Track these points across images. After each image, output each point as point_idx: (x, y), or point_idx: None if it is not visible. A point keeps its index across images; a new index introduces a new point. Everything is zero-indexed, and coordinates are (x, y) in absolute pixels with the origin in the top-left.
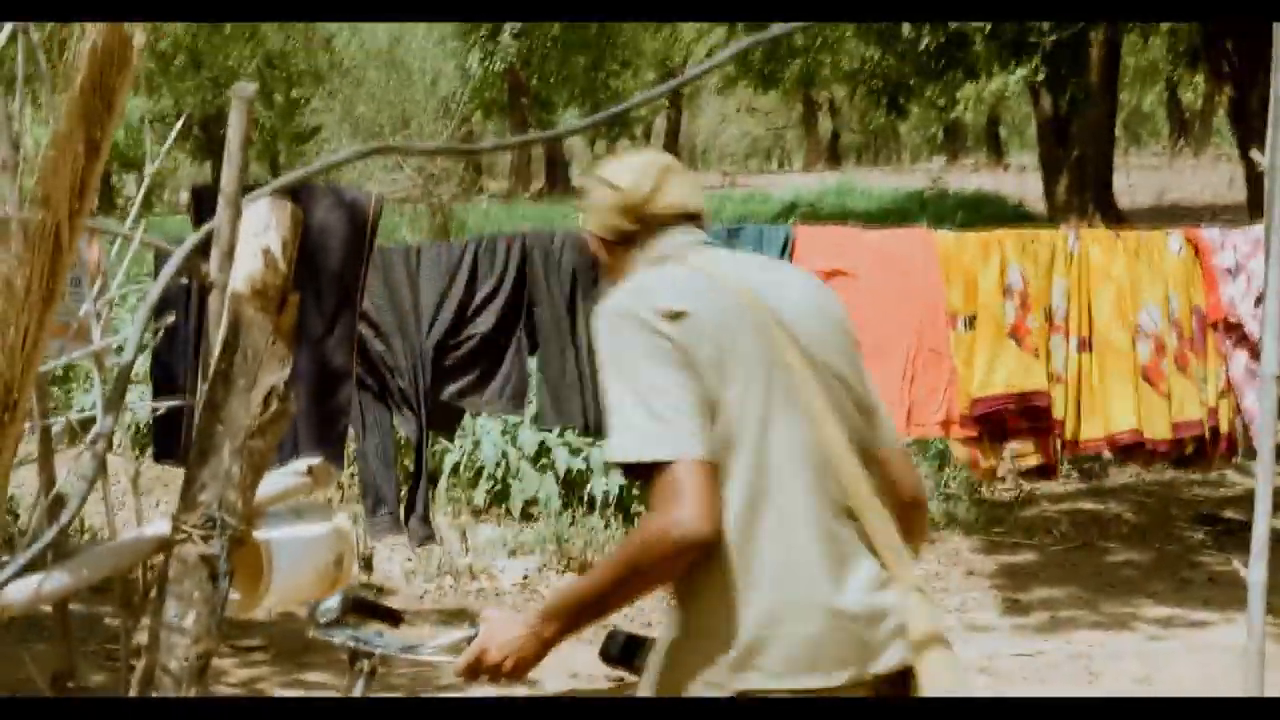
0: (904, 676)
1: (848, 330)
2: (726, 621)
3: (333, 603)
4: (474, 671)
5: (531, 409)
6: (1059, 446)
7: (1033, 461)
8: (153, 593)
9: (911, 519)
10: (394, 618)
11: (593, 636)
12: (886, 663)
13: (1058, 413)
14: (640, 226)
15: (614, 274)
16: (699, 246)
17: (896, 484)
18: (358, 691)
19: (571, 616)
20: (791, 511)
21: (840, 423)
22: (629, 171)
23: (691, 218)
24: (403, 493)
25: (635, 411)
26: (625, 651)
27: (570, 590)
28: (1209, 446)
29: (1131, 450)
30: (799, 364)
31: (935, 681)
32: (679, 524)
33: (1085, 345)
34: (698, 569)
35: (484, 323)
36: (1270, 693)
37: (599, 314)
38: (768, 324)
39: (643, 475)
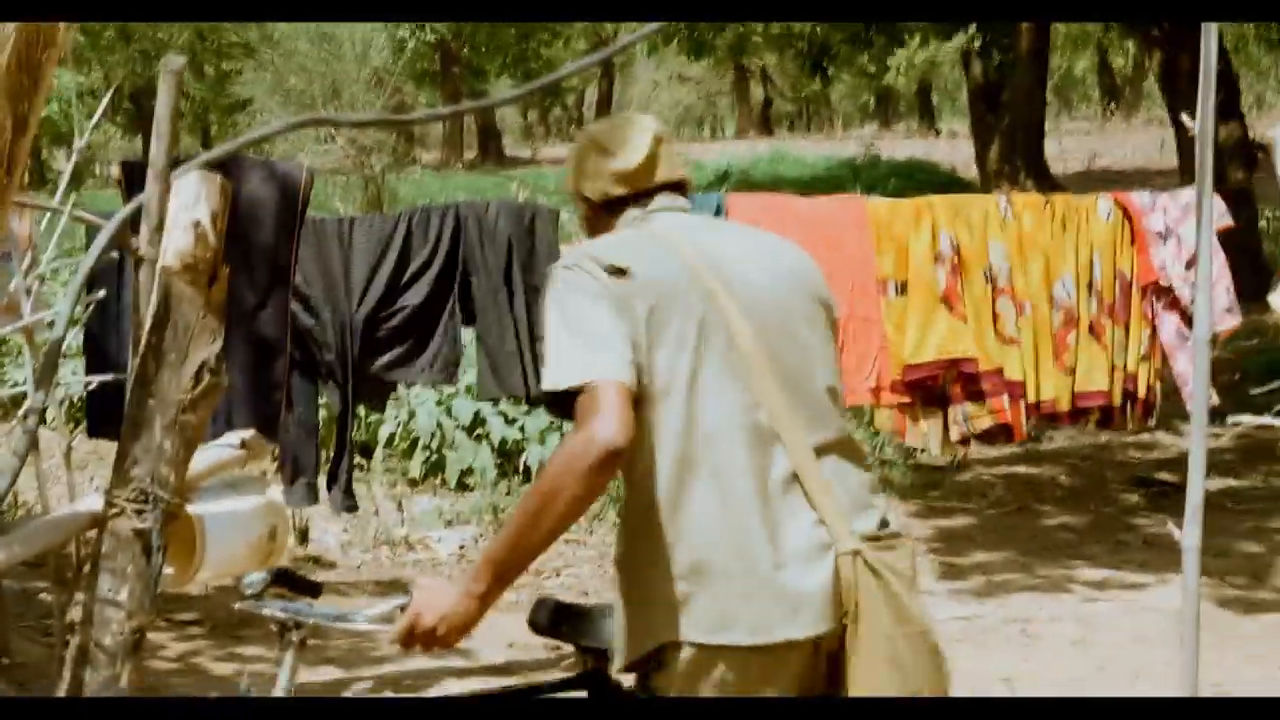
0: (842, 637)
1: (818, 298)
2: (658, 575)
3: (258, 575)
4: (409, 638)
5: (468, 379)
6: (1023, 408)
7: (986, 423)
8: (86, 568)
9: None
10: (314, 590)
11: (529, 605)
12: (818, 626)
13: (1015, 374)
14: (630, 194)
15: (594, 235)
16: (672, 213)
17: (844, 453)
18: (288, 662)
19: (501, 564)
20: (723, 474)
21: (786, 389)
22: (624, 142)
23: (676, 186)
24: (326, 463)
25: (565, 345)
26: (554, 619)
27: (496, 539)
28: (1117, 412)
29: (1055, 416)
30: (743, 332)
31: (868, 641)
32: (596, 435)
33: (1031, 309)
34: (634, 521)
35: (416, 294)
36: (1204, 653)
37: (552, 267)
38: (713, 292)
39: (569, 407)
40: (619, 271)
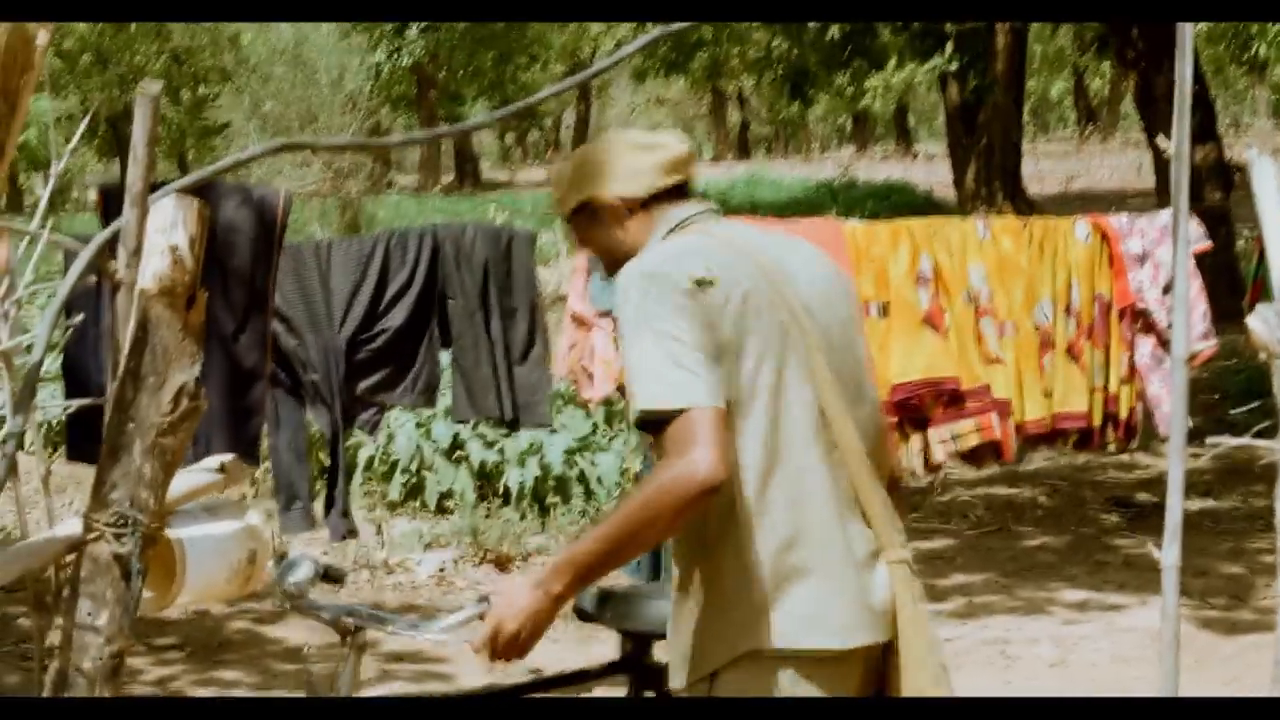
0: (889, 650)
1: (854, 306)
2: (739, 584)
3: (302, 574)
4: (494, 644)
5: (445, 402)
6: (1011, 426)
7: (973, 441)
8: (65, 592)
9: (891, 499)
10: (341, 577)
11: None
12: (881, 634)
13: (1001, 392)
14: (678, 183)
15: (621, 245)
16: (716, 216)
17: (882, 462)
18: (349, 668)
19: (584, 569)
20: (804, 480)
21: (843, 396)
22: (661, 137)
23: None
24: (317, 488)
25: (657, 366)
26: (599, 603)
27: (582, 543)
28: (1096, 434)
29: (1039, 438)
30: (811, 337)
31: (911, 657)
32: (696, 467)
33: (1014, 329)
34: (713, 529)
35: (396, 316)
36: (1184, 674)
37: (626, 275)
38: (785, 298)
39: (659, 426)
40: (704, 283)
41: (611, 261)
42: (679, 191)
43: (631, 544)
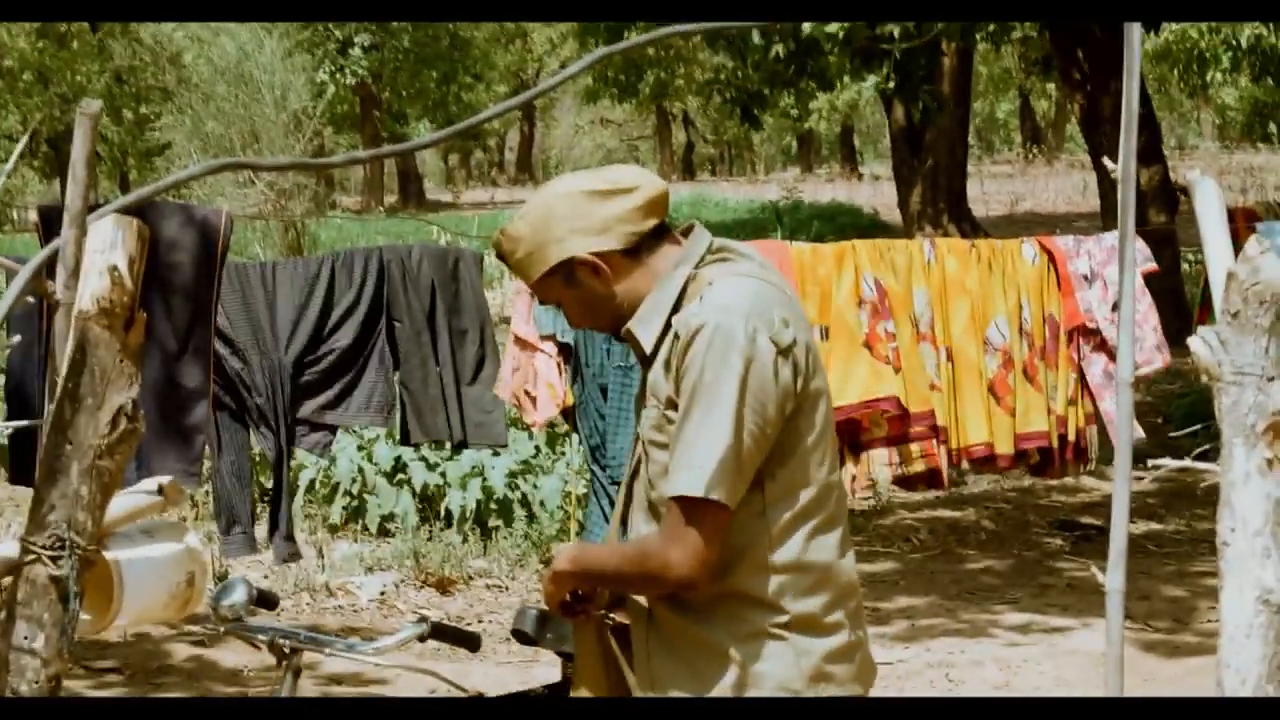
0: None
1: None
2: (806, 633)
3: (237, 597)
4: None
5: (391, 424)
6: (945, 454)
7: (919, 467)
8: (2, 615)
9: None
10: (272, 603)
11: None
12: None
13: (941, 420)
14: (660, 222)
15: (612, 300)
16: (731, 243)
17: None
18: (287, 689)
19: (583, 572)
20: (836, 524)
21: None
22: (625, 176)
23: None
24: (259, 511)
25: (722, 451)
26: (539, 628)
27: (596, 556)
28: (1056, 455)
29: (984, 461)
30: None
31: None
32: (686, 574)
33: (948, 356)
34: (753, 559)
35: (343, 337)
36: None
37: (708, 329)
38: (812, 336)
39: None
40: (789, 349)
41: (603, 319)
42: (662, 228)
43: (614, 587)
